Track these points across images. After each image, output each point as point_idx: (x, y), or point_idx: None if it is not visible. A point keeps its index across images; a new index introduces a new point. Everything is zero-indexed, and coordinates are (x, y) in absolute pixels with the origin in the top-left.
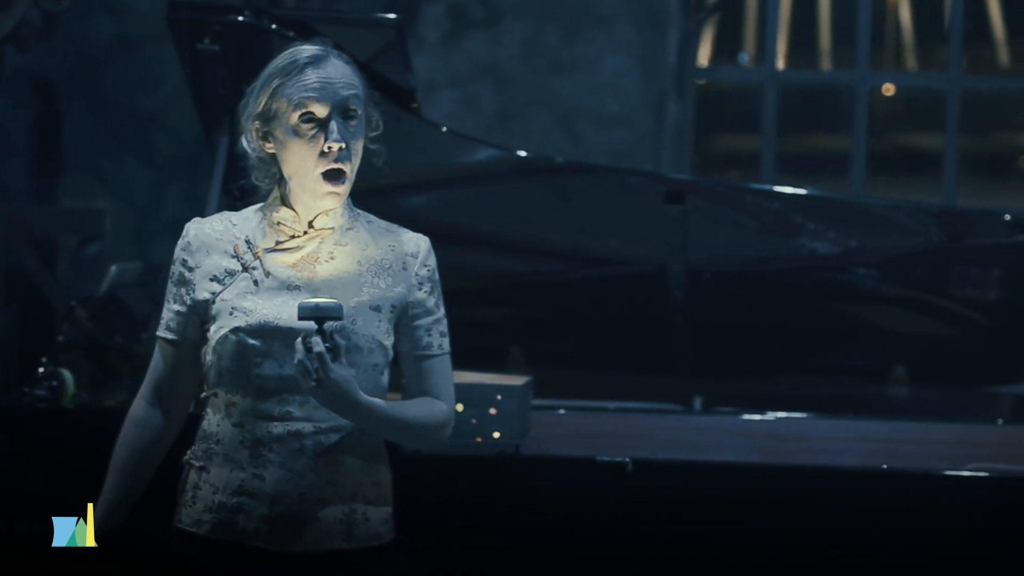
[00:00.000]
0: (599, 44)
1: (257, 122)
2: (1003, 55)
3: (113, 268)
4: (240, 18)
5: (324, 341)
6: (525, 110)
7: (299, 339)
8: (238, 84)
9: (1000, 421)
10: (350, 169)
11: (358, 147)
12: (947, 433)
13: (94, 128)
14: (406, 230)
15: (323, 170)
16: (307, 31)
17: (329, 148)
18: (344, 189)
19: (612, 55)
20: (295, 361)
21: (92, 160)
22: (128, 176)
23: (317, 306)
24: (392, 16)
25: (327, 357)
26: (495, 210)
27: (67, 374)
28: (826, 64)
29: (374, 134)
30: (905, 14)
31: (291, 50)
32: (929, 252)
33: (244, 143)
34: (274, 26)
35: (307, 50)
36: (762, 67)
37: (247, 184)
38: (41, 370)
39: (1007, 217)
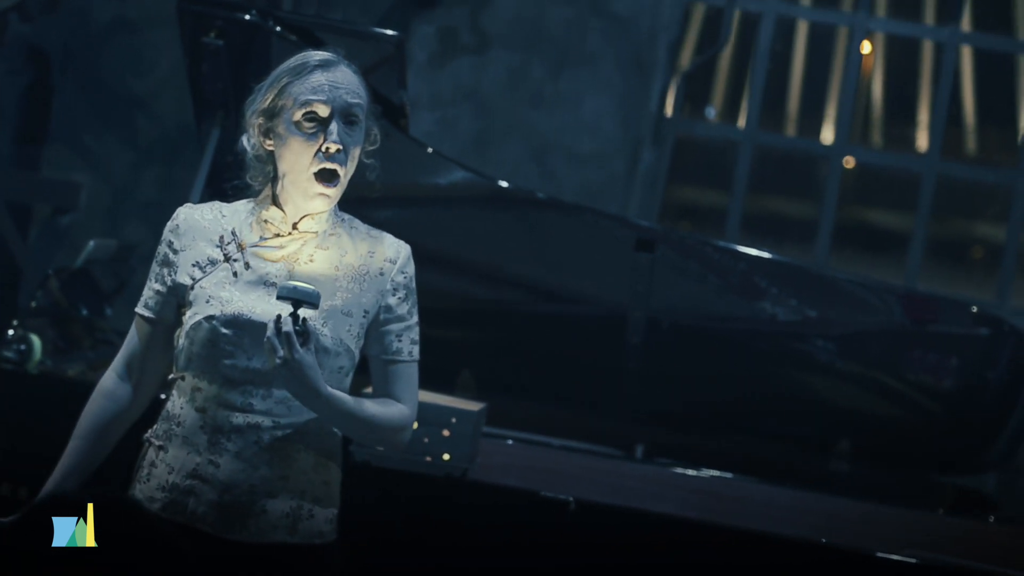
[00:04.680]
0: (583, 82)
1: (261, 118)
2: (971, 143)
3: (91, 243)
4: (247, 17)
5: (295, 324)
6: (501, 138)
7: (272, 318)
8: (236, 80)
9: (940, 511)
10: (344, 173)
11: (355, 154)
12: (886, 515)
13: (82, 104)
14: (388, 236)
15: (318, 169)
16: (309, 38)
17: (327, 148)
18: (335, 192)
19: (594, 95)
20: (264, 338)
21: (76, 134)
22: (109, 154)
23: (296, 288)
24: (395, 33)
25: (295, 338)
26: (466, 234)
27: (36, 339)
28: (791, 128)
29: (371, 148)
30: (877, 89)
31: (303, 53)
32: (889, 332)
33: (244, 140)
34: (278, 28)
35: (319, 55)
36: (742, 126)
37: (240, 183)
38: (11, 332)
39: (973, 309)
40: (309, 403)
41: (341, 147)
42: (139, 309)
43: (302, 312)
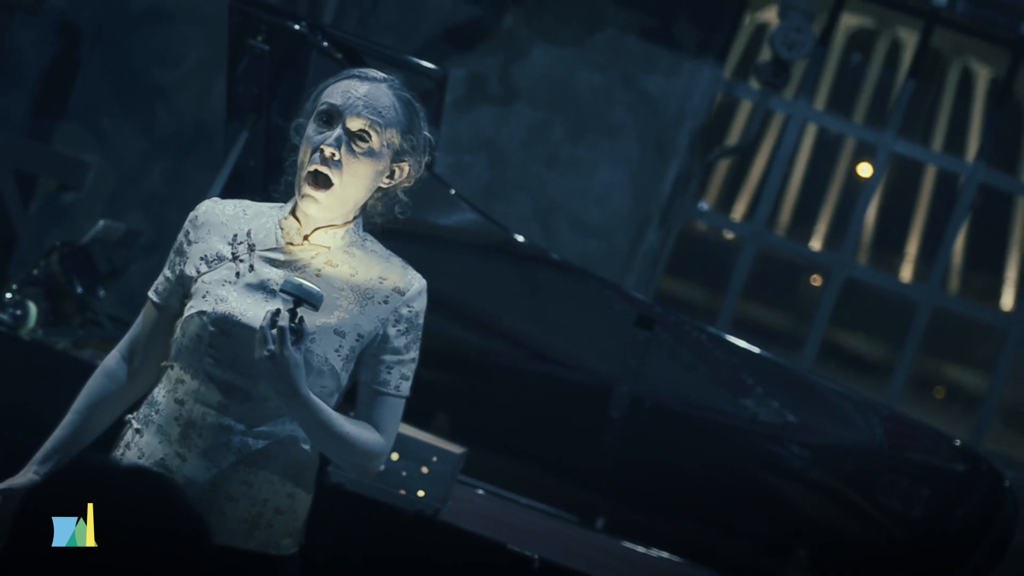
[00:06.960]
0: (600, 152)
1: (301, 119)
2: (954, 281)
3: (101, 222)
4: (296, 27)
5: (292, 320)
6: (510, 193)
7: (269, 310)
8: (272, 87)
9: None
10: (339, 183)
11: (356, 168)
12: None
13: (105, 85)
14: (406, 266)
15: (311, 169)
16: (354, 58)
17: (321, 150)
18: (324, 198)
19: (610, 166)
20: (258, 328)
21: (93, 115)
22: (122, 140)
23: (300, 286)
24: (437, 68)
25: (288, 334)
26: (470, 280)
27: (33, 306)
28: (781, 231)
29: (404, 184)
30: (872, 209)
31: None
32: (866, 451)
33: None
34: (325, 43)
35: (365, 70)
36: (750, 223)
37: (284, 187)
38: (8, 296)
39: (956, 442)
40: (287, 403)
41: (335, 153)
42: (150, 293)
43: (301, 311)
